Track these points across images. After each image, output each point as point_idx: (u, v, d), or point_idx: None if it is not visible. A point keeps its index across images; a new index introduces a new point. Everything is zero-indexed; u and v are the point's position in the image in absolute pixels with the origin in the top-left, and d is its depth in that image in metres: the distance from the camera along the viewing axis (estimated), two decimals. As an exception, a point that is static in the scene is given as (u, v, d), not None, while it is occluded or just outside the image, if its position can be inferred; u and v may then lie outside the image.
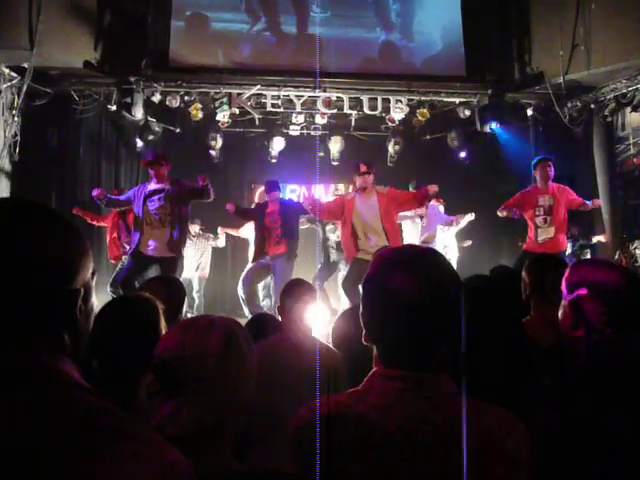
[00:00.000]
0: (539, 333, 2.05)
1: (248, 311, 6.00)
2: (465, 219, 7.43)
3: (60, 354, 0.82)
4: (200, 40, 8.05)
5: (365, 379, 1.16)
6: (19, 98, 7.18)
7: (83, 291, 0.86)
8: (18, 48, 6.70)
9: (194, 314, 7.24)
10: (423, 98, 8.23)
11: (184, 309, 2.98)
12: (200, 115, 7.97)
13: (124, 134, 8.58)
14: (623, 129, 8.12)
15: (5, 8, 6.69)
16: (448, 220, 7.41)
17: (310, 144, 8.63)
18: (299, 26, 8.20)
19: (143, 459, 0.74)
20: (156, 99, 7.82)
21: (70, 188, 8.06)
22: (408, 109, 8.19)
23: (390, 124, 8.45)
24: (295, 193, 9.97)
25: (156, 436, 0.81)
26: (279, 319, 2.88)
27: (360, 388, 1.15)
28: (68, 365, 0.82)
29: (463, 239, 7.97)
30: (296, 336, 2.66)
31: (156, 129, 8.32)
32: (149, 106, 7.85)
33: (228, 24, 8.13)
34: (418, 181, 6.96)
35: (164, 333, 1.75)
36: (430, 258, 1.18)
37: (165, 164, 5.60)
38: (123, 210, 6.43)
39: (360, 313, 1.19)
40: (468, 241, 8.05)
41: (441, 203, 7.74)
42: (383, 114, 8.25)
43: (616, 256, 7.48)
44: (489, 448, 1.04)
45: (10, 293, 0.78)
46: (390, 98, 8.14)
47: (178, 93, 7.85)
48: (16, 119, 7.22)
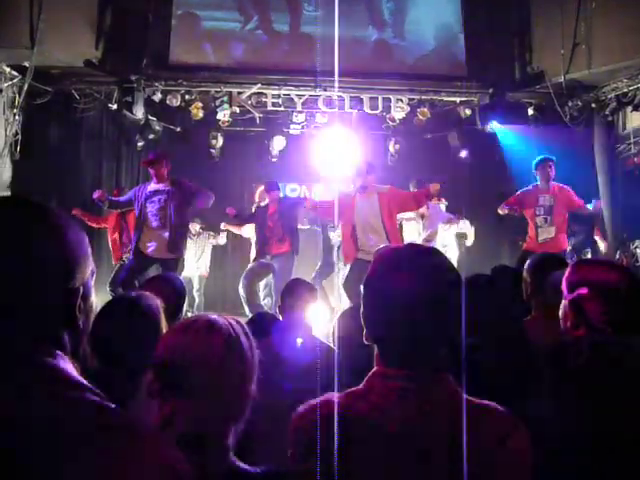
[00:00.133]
0: (540, 333, 2.05)
1: (248, 310, 6.01)
2: (467, 225, 7.49)
3: (60, 353, 0.82)
4: (192, 39, 8.01)
5: (365, 378, 1.15)
6: (20, 97, 7.18)
7: (82, 290, 0.86)
8: (19, 47, 6.69)
9: (194, 313, 7.24)
10: (424, 97, 8.22)
11: (184, 308, 2.99)
12: (201, 114, 7.96)
13: (125, 133, 8.57)
14: (624, 128, 8.11)
15: (6, 7, 6.68)
16: (449, 218, 7.40)
17: (311, 143, 8.63)
18: (292, 24, 8.19)
19: (143, 458, 0.74)
20: (157, 98, 7.82)
21: (71, 187, 8.06)
22: (409, 108, 8.19)
23: (391, 123, 8.45)
24: (295, 192, 9.95)
25: (155, 435, 0.81)
26: (279, 318, 2.89)
27: (360, 387, 1.15)
28: (68, 364, 0.82)
29: (463, 238, 7.93)
30: (296, 335, 2.66)
31: (157, 128, 8.32)
32: (150, 105, 7.85)
33: (220, 22, 8.10)
34: (419, 180, 6.94)
35: (164, 332, 1.75)
36: (431, 257, 1.18)
37: (165, 163, 5.56)
38: (124, 211, 6.41)
39: (361, 312, 1.19)
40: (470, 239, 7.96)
41: (442, 202, 7.73)
42: (384, 113, 8.25)
43: (617, 256, 7.47)
44: (490, 448, 1.04)
45: (9, 293, 0.78)
46: (391, 97, 8.14)
47: (179, 92, 7.85)
48: (17, 118, 7.23)
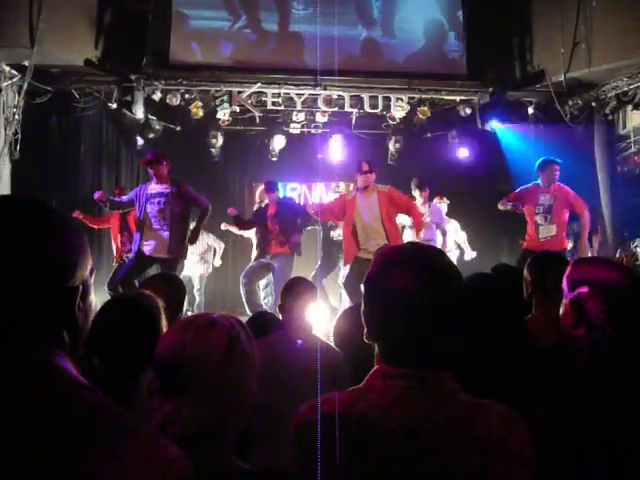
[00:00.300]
0: (541, 331, 2.05)
1: (248, 309, 6.01)
2: (462, 237, 7.62)
3: (59, 352, 0.82)
4: (182, 37, 7.99)
5: (366, 377, 1.15)
6: (20, 96, 7.18)
7: (82, 289, 0.85)
8: (19, 46, 6.69)
9: (195, 312, 7.24)
10: (424, 96, 8.21)
11: (184, 307, 2.99)
12: (201, 113, 7.95)
13: (125, 132, 8.57)
14: (624, 127, 8.10)
15: (6, 6, 6.68)
16: (441, 223, 7.19)
17: (311, 142, 8.64)
18: (281, 23, 8.16)
19: (143, 457, 0.74)
20: (157, 97, 7.81)
21: (71, 186, 8.07)
22: (409, 107, 8.18)
23: (391, 122, 8.44)
24: (295, 192, 9.96)
25: (156, 434, 0.81)
26: (280, 317, 2.88)
27: (361, 386, 1.15)
28: (67, 363, 0.82)
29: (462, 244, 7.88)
30: (296, 334, 2.66)
31: (157, 127, 8.32)
32: (150, 104, 7.84)
33: (208, 22, 8.07)
34: (420, 180, 6.91)
35: (165, 331, 1.75)
36: (432, 256, 1.17)
37: (164, 163, 5.55)
38: (126, 211, 6.39)
39: (362, 311, 1.19)
40: (472, 253, 7.86)
41: (444, 201, 7.71)
42: (384, 112, 8.25)
43: (617, 254, 7.47)
44: (490, 446, 1.04)
45: (9, 292, 0.78)
46: (391, 96, 8.13)
47: (178, 91, 7.84)
48: (17, 117, 7.21)
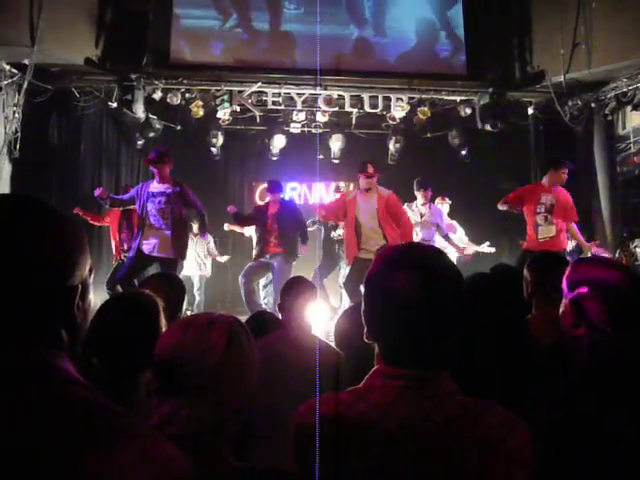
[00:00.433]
0: (541, 331, 2.05)
1: (247, 309, 6.01)
2: (480, 248, 7.46)
3: (58, 351, 0.82)
4: (175, 36, 7.98)
5: (366, 377, 1.15)
6: (20, 95, 7.18)
7: (81, 288, 0.85)
8: (19, 45, 6.69)
9: (194, 312, 7.24)
10: (424, 96, 8.22)
11: (184, 306, 2.98)
12: (201, 112, 7.96)
13: (125, 131, 8.57)
14: (624, 128, 8.11)
15: (6, 5, 6.68)
16: (441, 224, 6.98)
17: (311, 142, 8.63)
18: (272, 23, 8.17)
19: (142, 456, 0.74)
20: (157, 96, 7.82)
21: (71, 185, 8.06)
22: (409, 107, 8.19)
23: (391, 122, 8.45)
24: (296, 191, 9.96)
25: (155, 433, 0.81)
26: (279, 316, 2.88)
27: (361, 386, 1.14)
28: (66, 362, 0.82)
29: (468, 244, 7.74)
30: (296, 334, 2.66)
31: (157, 126, 8.33)
32: (150, 103, 7.85)
33: (199, 21, 8.06)
34: (421, 181, 6.89)
35: (164, 331, 1.75)
36: (432, 256, 1.17)
37: (168, 162, 5.55)
38: (127, 210, 6.38)
39: (362, 311, 1.19)
40: (484, 245, 7.65)
41: (446, 201, 7.67)
42: (384, 112, 8.25)
43: (616, 255, 7.47)
44: (490, 447, 1.03)
45: (8, 291, 0.78)
46: (391, 96, 8.14)
47: (179, 90, 7.85)
48: (17, 116, 7.21)
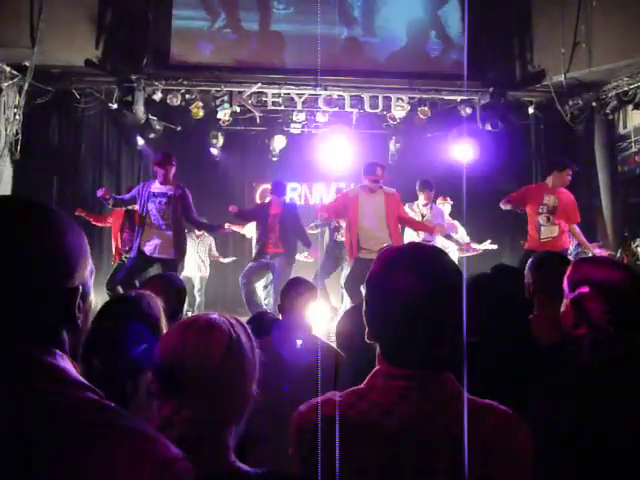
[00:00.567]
0: (542, 331, 2.05)
1: (248, 309, 6.01)
2: (482, 246, 7.38)
3: (59, 352, 0.82)
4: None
5: (367, 378, 1.15)
6: (20, 96, 7.18)
7: (81, 289, 0.85)
8: (19, 46, 6.70)
9: (195, 313, 7.23)
10: (424, 96, 8.22)
11: (185, 308, 2.98)
12: (201, 113, 7.96)
13: (125, 132, 8.58)
14: (625, 127, 8.10)
15: (6, 6, 6.69)
16: (443, 226, 6.83)
17: (311, 142, 8.63)
18: (261, 22, 8.17)
19: (142, 456, 0.74)
20: (157, 97, 7.82)
21: (71, 186, 8.07)
22: (409, 107, 8.18)
23: (391, 122, 8.44)
24: (296, 192, 9.96)
25: (155, 433, 0.80)
26: (279, 317, 2.88)
27: (362, 386, 1.14)
28: (67, 363, 0.82)
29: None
30: (296, 334, 2.66)
31: (157, 127, 8.34)
32: (150, 104, 7.86)
33: (187, 21, 8.06)
34: (423, 181, 6.88)
35: (165, 332, 1.75)
36: (433, 256, 1.17)
37: (174, 165, 5.64)
38: (130, 210, 6.39)
39: (363, 311, 1.18)
40: (486, 243, 7.59)
41: (448, 201, 7.64)
42: (384, 112, 8.25)
43: (618, 254, 7.46)
44: (492, 448, 1.03)
45: (9, 292, 0.78)
46: (391, 96, 8.14)
47: (179, 91, 7.85)
48: (17, 117, 7.22)
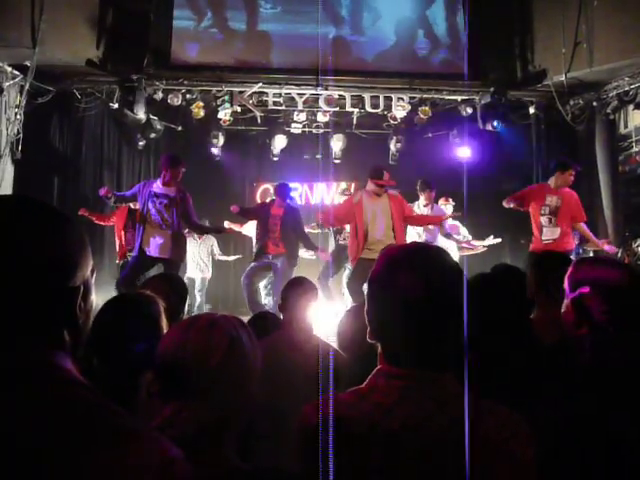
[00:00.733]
0: (543, 331, 2.05)
1: (250, 309, 6.02)
2: (485, 242, 7.33)
3: (60, 352, 0.82)
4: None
5: (369, 377, 1.15)
6: (21, 96, 7.19)
7: (83, 289, 0.85)
8: (21, 46, 6.70)
9: (196, 313, 7.23)
10: (425, 96, 8.22)
11: (186, 307, 2.98)
12: (202, 113, 7.97)
13: (126, 132, 8.58)
14: (625, 127, 8.10)
15: (8, 6, 6.69)
16: (444, 225, 6.82)
17: (312, 142, 8.63)
18: (248, 22, 8.16)
19: (142, 456, 0.74)
20: (158, 97, 7.83)
21: (72, 186, 8.09)
22: (410, 107, 8.18)
23: (392, 122, 8.44)
24: (297, 192, 9.95)
25: (155, 434, 0.80)
26: (280, 317, 2.88)
27: (364, 386, 1.14)
28: (68, 363, 0.82)
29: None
30: (297, 334, 2.66)
31: (158, 127, 8.34)
32: (151, 104, 7.86)
33: (174, 21, 8.04)
34: (424, 182, 6.87)
35: (166, 332, 1.75)
36: (435, 256, 1.17)
37: (182, 170, 5.64)
38: (133, 210, 6.40)
39: (365, 310, 1.18)
40: (490, 238, 7.48)
41: (449, 203, 7.61)
42: (385, 112, 8.25)
43: (619, 254, 7.45)
44: (493, 448, 1.03)
45: (10, 292, 0.78)
46: (392, 96, 8.14)
47: (180, 91, 7.86)
48: (18, 117, 7.23)
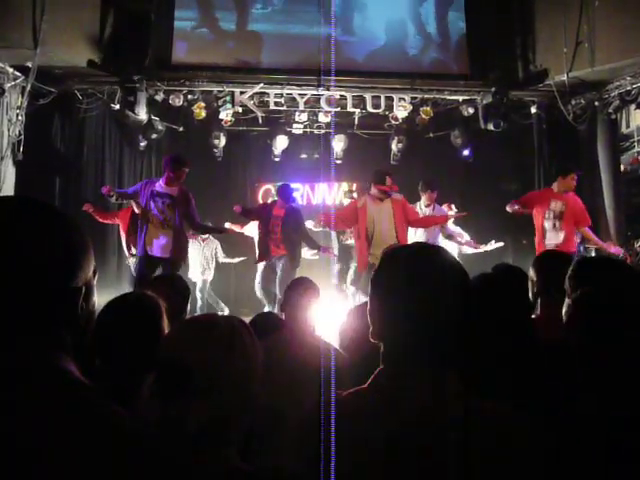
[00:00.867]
0: (545, 331, 2.05)
1: (269, 308, 6.09)
2: (487, 247, 7.32)
3: (62, 353, 0.82)
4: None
5: (371, 377, 1.15)
6: (23, 97, 7.19)
7: (85, 289, 0.85)
8: (22, 47, 6.70)
9: (197, 313, 7.23)
10: (426, 96, 8.22)
11: (187, 308, 2.98)
12: (203, 114, 7.97)
13: (127, 133, 8.58)
14: (627, 126, 8.10)
15: (9, 7, 6.69)
16: (445, 226, 6.93)
17: (313, 143, 8.63)
18: (238, 22, 8.17)
19: (143, 458, 0.74)
20: (159, 98, 7.84)
21: (74, 187, 8.09)
22: (411, 107, 8.18)
23: (393, 122, 8.44)
24: (298, 192, 9.95)
25: (155, 434, 0.81)
26: (282, 317, 2.88)
27: (366, 386, 1.14)
28: (69, 363, 0.82)
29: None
30: (299, 334, 2.66)
31: (159, 128, 8.35)
32: (152, 105, 7.87)
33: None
34: (425, 182, 6.86)
35: (167, 332, 1.75)
36: (437, 256, 1.17)
37: (187, 171, 5.65)
38: (137, 214, 6.41)
39: (367, 310, 1.18)
40: (492, 242, 7.48)
41: (452, 209, 7.55)
42: (386, 112, 8.25)
43: (620, 254, 7.45)
44: (492, 447, 1.03)
45: (11, 292, 0.78)
46: (393, 96, 8.14)
47: (181, 92, 7.86)
48: (20, 118, 7.23)
